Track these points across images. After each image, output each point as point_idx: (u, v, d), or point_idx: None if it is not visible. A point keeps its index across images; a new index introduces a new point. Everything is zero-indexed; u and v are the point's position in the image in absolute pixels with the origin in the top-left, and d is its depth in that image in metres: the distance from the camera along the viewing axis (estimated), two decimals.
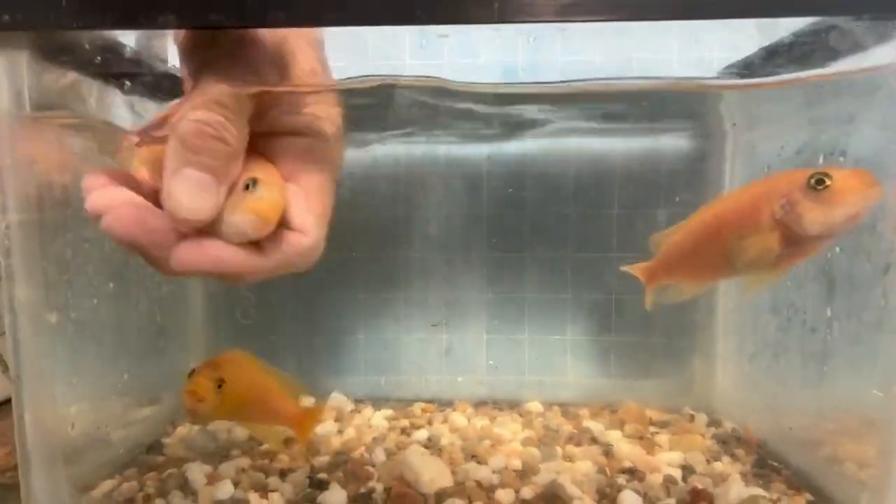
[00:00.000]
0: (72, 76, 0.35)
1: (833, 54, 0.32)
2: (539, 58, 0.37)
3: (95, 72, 0.36)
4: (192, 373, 0.37)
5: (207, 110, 0.28)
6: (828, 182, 0.30)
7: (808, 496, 0.40)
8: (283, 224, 0.30)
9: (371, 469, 0.44)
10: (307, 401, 0.50)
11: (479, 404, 0.59)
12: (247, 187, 0.28)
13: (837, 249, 0.39)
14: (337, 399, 0.59)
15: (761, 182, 0.36)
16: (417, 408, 0.58)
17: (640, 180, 0.57)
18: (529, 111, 0.52)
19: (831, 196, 0.30)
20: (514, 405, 0.58)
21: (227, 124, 0.29)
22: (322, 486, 0.41)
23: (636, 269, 0.42)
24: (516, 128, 0.57)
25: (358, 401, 0.59)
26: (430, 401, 0.59)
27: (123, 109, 0.38)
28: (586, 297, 0.59)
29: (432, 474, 0.42)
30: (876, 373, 0.35)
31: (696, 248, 0.37)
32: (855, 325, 0.37)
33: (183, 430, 0.51)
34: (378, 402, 0.59)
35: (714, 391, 0.57)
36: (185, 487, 0.41)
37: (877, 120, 0.36)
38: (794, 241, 0.31)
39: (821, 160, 0.41)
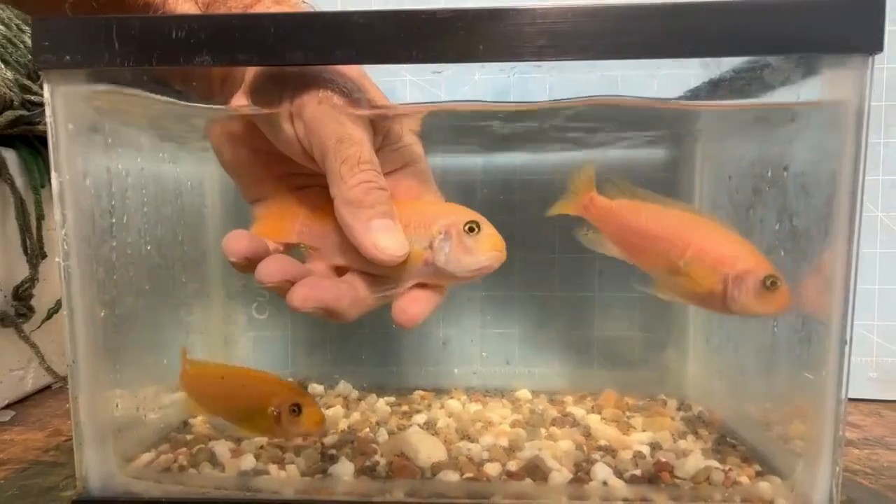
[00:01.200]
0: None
1: (767, 87, 0.38)
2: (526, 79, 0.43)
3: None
4: (296, 407, 0.38)
5: (360, 171, 0.33)
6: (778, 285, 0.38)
7: (757, 467, 0.46)
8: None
9: (375, 446, 0.50)
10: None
11: (473, 392, 0.64)
12: (471, 230, 0.34)
13: (782, 253, 0.45)
14: (344, 387, 0.65)
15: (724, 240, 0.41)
16: (417, 395, 0.64)
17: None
18: (519, 127, 0.57)
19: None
20: (504, 393, 0.64)
21: (378, 174, 0.34)
22: (332, 459, 0.47)
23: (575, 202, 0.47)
24: (507, 141, 0.62)
25: (363, 389, 0.65)
26: (428, 389, 0.65)
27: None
28: (571, 295, 0.65)
29: (429, 450, 0.47)
30: (810, 357, 0.40)
31: (637, 238, 0.43)
32: (794, 317, 0.43)
33: None
34: (381, 391, 0.64)
35: (685, 379, 0.63)
36: (213, 460, 0.46)
37: (811, 142, 0.41)
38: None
39: (769, 173, 0.46)
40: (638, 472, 0.45)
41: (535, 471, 0.45)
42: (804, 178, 0.42)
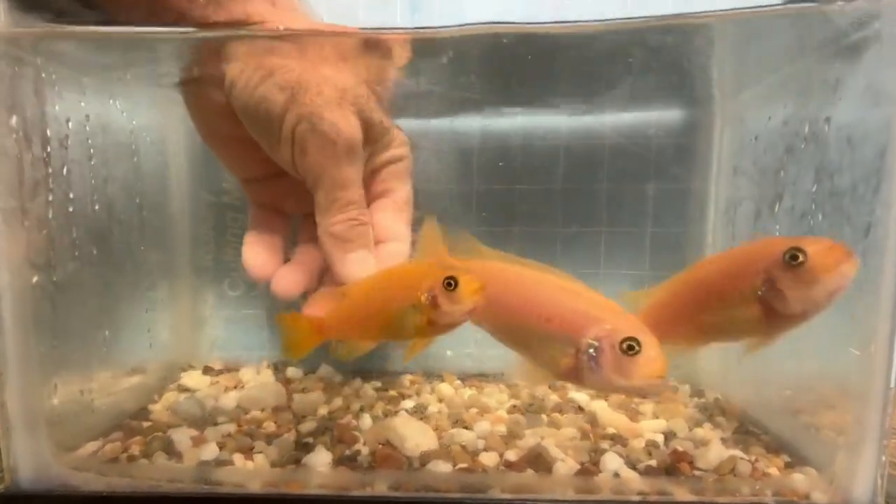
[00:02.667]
0: None
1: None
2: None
3: None
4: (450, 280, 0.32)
5: (348, 210, 0.37)
6: (802, 258, 0.30)
7: (786, 458, 0.41)
8: (380, 238, 0.39)
9: (357, 434, 0.44)
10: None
11: (467, 377, 0.59)
12: (630, 349, 0.30)
13: (820, 217, 0.40)
14: (325, 371, 0.59)
15: (741, 251, 0.35)
16: (406, 379, 0.58)
17: (630, 154, 0.57)
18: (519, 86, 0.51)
19: (809, 274, 0.29)
20: (500, 377, 0.59)
21: (362, 211, 0.38)
22: (307, 448, 0.41)
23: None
24: (506, 102, 0.56)
25: (347, 373, 0.59)
26: (418, 373, 0.60)
27: None
28: (574, 273, 0.59)
29: (417, 438, 0.42)
30: (854, 334, 0.35)
31: (680, 313, 0.36)
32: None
33: (170, 396, 0.51)
34: (367, 375, 0.59)
35: (698, 364, 0.58)
36: (170, 449, 0.41)
37: (860, 85, 0.36)
38: (777, 314, 0.31)
39: (806, 128, 0.41)
40: (653, 462, 0.40)
41: (538, 461, 0.40)
42: (850, 130, 0.36)
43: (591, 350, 0.31)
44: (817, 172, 0.40)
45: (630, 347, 0.30)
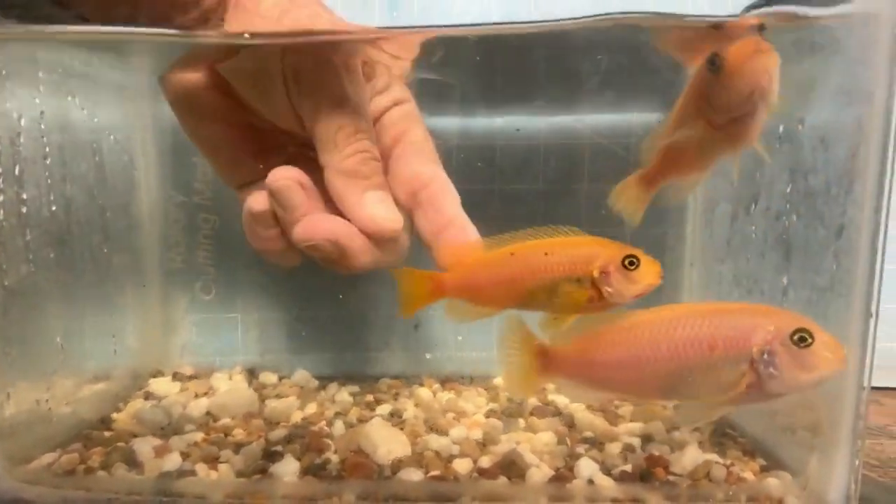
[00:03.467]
0: None
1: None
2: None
3: None
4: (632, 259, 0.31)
5: (357, 140, 0.32)
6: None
7: (762, 461, 0.40)
8: (414, 187, 0.34)
9: (329, 441, 0.43)
10: None
11: (447, 380, 0.58)
12: (802, 340, 0.29)
13: (794, 217, 0.39)
14: (301, 376, 0.58)
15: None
16: (384, 384, 0.57)
17: (609, 154, 0.56)
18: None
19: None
20: (481, 380, 0.58)
21: (373, 143, 0.32)
22: (275, 457, 0.40)
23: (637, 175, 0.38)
24: (486, 102, 0.56)
25: (324, 378, 0.58)
26: (397, 377, 0.59)
27: None
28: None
29: (390, 445, 0.41)
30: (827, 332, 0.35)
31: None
32: (808, 291, 0.37)
33: (135, 404, 0.50)
34: (344, 379, 0.58)
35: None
36: (131, 460, 0.39)
37: (832, 86, 0.35)
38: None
39: (780, 129, 0.41)
40: (628, 467, 0.39)
41: (511, 467, 0.39)
42: (824, 130, 0.36)
43: (765, 356, 0.30)
44: (792, 173, 0.39)
45: (802, 339, 0.29)
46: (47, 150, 0.41)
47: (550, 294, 0.32)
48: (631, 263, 0.31)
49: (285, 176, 0.31)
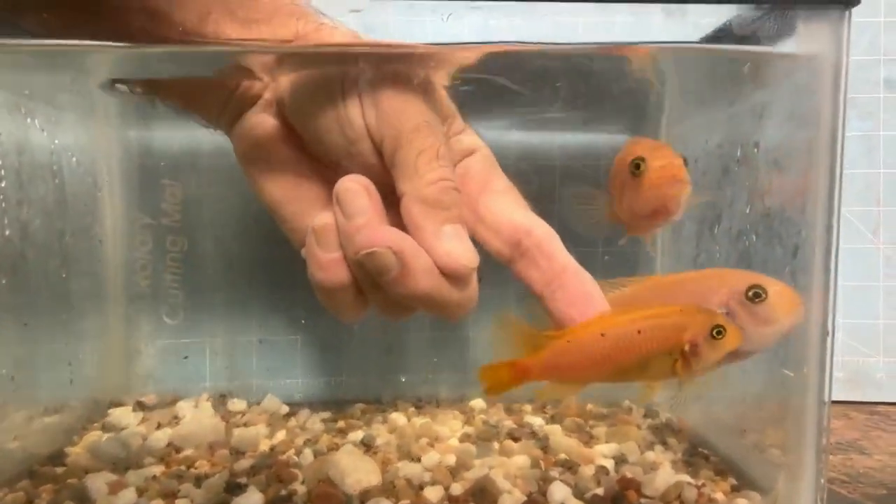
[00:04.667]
0: None
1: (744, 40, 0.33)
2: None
3: None
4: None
5: (440, 166, 0.29)
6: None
7: (733, 481, 0.40)
8: (513, 227, 0.32)
9: (296, 471, 0.41)
10: None
11: (422, 403, 0.57)
12: (757, 295, 0.30)
13: (754, 237, 0.41)
14: (271, 402, 0.56)
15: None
16: (357, 409, 0.56)
17: (580, 175, 0.57)
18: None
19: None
20: (457, 403, 0.57)
21: (453, 171, 0.30)
22: (238, 490, 0.38)
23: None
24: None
25: (294, 404, 0.56)
26: (371, 402, 0.57)
27: None
28: (530, 295, 0.59)
29: (359, 474, 0.40)
30: (788, 354, 0.35)
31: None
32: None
33: (92, 437, 0.47)
34: (315, 406, 0.56)
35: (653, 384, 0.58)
36: (83, 497, 0.37)
37: (784, 111, 0.37)
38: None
39: (738, 152, 0.42)
40: (600, 490, 0.39)
41: (483, 494, 0.38)
42: (777, 153, 0.38)
43: (726, 315, 0.30)
44: (750, 194, 0.41)
45: (756, 295, 0.30)
46: (2, 173, 0.39)
47: (642, 369, 0.32)
48: (719, 333, 0.30)
49: (353, 180, 0.29)
